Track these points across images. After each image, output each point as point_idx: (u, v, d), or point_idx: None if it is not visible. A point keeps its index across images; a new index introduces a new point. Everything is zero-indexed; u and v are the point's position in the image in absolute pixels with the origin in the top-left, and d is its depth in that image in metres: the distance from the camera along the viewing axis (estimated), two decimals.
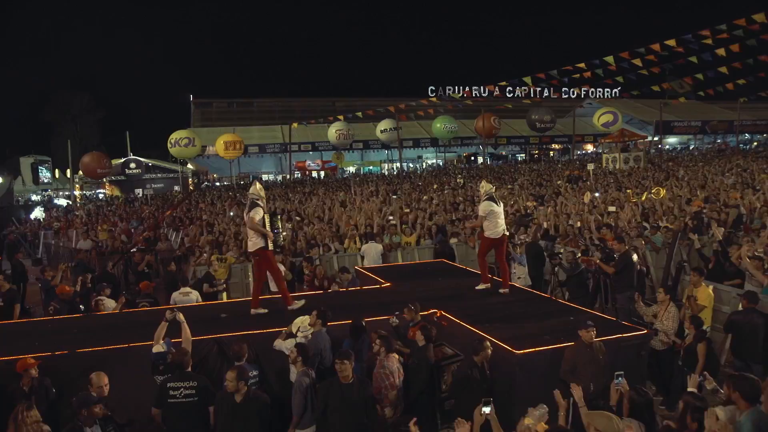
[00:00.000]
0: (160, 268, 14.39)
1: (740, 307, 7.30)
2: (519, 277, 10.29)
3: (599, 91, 55.52)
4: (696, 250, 10.17)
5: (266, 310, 7.81)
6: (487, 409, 4.53)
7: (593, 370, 6.05)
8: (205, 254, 12.80)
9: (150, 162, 51.67)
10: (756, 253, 8.83)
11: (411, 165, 61.45)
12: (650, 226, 12.06)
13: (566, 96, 52.57)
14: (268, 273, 8.22)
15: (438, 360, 6.52)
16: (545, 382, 6.22)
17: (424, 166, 59.04)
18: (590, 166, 24.86)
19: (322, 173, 55.64)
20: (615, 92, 53.93)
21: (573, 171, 27.94)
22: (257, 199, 7.68)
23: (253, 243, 7.60)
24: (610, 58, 22.97)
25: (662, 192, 15.10)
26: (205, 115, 60.83)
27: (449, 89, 73.36)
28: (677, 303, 8.03)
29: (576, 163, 33.18)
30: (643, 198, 14.87)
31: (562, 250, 10.29)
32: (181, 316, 6.11)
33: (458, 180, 29.99)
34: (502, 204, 8.72)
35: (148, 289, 9.51)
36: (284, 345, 6.34)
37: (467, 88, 62.96)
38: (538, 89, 49.78)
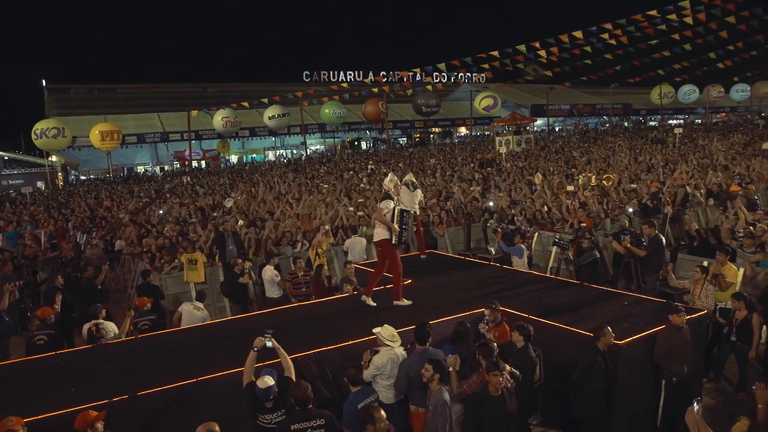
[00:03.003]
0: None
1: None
2: (517, 267, 10.38)
3: (468, 76, 57.74)
4: (686, 230, 10.92)
5: (375, 304, 7.62)
6: (697, 407, 4.42)
7: (685, 352, 6.25)
8: (166, 259, 11.47)
9: (6, 155, 45.68)
10: (741, 231, 9.68)
11: (295, 152, 60.33)
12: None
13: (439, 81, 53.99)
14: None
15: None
16: (641, 368, 6.34)
17: (308, 152, 58.25)
18: (502, 150, 25.83)
19: (203, 163, 52.74)
20: (483, 77, 56.02)
21: (485, 155, 28.89)
22: (389, 191, 7.67)
23: (378, 233, 7.63)
24: (522, 47, 24.05)
25: (612, 178, 16.02)
26: (62, 102, 54.91)
27: (324, 74, 73.07)
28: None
29: (490, 147, 34.32)
30: (593, 182, 15.68)
31: (557, 238, 10.46)
32: (274, 342, 5.27)
33: (369, 166, 29.76)
34: (418, 190, 9.65)
35: (144, 305, 8.27)
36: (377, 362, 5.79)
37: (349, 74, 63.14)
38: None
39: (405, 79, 43.08)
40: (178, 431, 5.20)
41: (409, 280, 8.98)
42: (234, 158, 55.32)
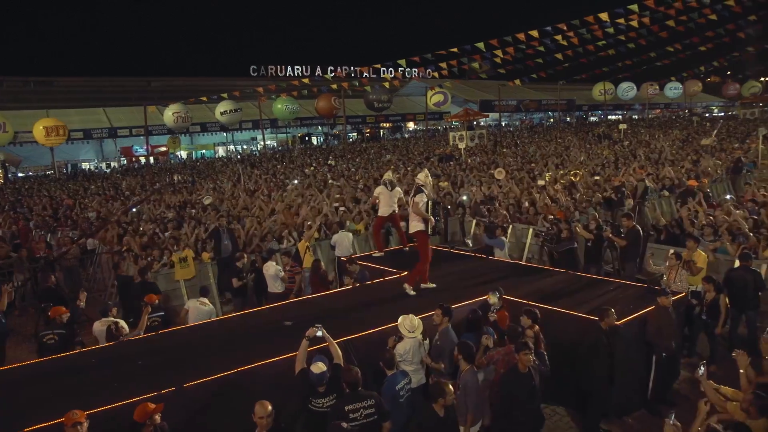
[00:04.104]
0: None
1: (736, 265, 8.79)
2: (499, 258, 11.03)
3: (415, 71, 58.43)
4: (652, 224, 11.84)
5: (434, 285, 8.33)
6: (702, 370, 5.05)
7: (673, 329, 7.01)
8: (154, 255, 11.52)
9: None
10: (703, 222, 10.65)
11: (245, 147, 59.62)
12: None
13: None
14: None
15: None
16: (636, 345, 7.04)
17: (259, 148, 57.71)
18: (461, 145, 26.62)
19: (152, 159, 51.43)
20: (428, 72, 56.70)
21: (445, 150, 29.60)
22: (422, 186, 8.27)
23: (414, 225, 8.22)
24: (481, 45, 24.93)
25: (580, 173, 16.94)
26: None
27: (271, 68, 72.34)
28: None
29: (442, 142, 35.00)
30: (560, 178, 16.56)
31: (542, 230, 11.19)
32: (324, 332, 5.66)
33: (330, 162, 30.02)
34: (396, 188, 10.34)
35: (153, 302, 8.39)
36: (400, 349, 6.23)
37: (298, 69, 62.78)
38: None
39: (364, 75, 43.44)
40: (223, 419, 5.53)
41: (405, 272, 9.48)
42: (183, 154, 54.15)
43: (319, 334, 5.52)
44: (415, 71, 55.92)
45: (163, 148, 50.45)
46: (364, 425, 5.04)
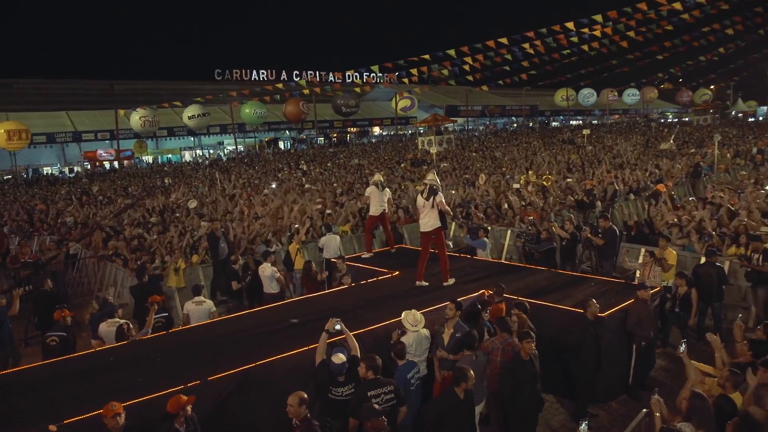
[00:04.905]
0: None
1: (702, 261, 9.55)
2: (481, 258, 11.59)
3: (380, 77, 59.10)
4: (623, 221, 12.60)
5: (427, 283, 8.85)
6: (683, 348, 5.65)
7: (651, 320, 7.66)
8: (145, 259, 11.69)
9: None
10: (670, 222, 11.44)
11: (212, 151, 59.24)
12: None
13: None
14: None
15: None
16: (618, 335, 7.66)
17: (226, 152, 57.44)
18: (433, 149, 27.25)
19: (116, 163, 50.66)
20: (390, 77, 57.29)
21: (416, 155, 30.20)
22: (436, 186, 8.73)
23: (432, 223, 8.69)
24: (452, 51, 25.74)
25: (552, 177, 17.69)
26: None
27: (236, 72, 71.98)
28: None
29: (410, 146, 35.64)
30: (533, 180, 17.29)
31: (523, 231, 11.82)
32: (343, 326, 6.07)
33: (301, 166, 30.28)
34: (386, 189, 11.04)
35: (156, 302, 8.62)
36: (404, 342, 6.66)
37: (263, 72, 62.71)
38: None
39: (336, 80, 43.91)
40: (245, 409, 5.88)
41: (397, 272, 9.95)
42: (149, 159, 53.51)
43: (338, 327, 5.93)
44: (385, 77, 56.63)
45: (128, 152, 49.83)
46: (384, 409, 5.47)
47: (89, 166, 49.01)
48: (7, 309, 8.66)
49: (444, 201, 8.80)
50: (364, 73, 56.31)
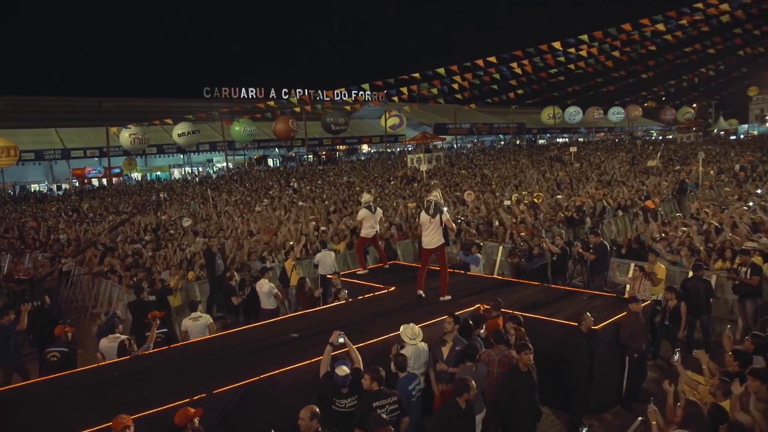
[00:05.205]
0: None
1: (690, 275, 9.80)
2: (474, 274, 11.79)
3: (370, 95, 59.65)
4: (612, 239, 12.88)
5: (450, 297, 9.02)
6: (676, 357, 5.85)
7: (643, 333, 7.87)
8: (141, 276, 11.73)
9: None
10: (655, 236, 11.73)
11: (201, 169, 59.27)
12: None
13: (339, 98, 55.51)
14: None
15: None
16: (611, 347, 7.85)
17: (215, 170, 57.48)
18: (423, 167, 27.55)
19: (105, 181, 50.51)
20: (380, 95, 57.70)
21: (406, 172, 30.47)
22: (441, 204, 8.95)
23: (437, 240, 8.87)
24: (441, 70, 26.26)
25: (543, 195, 18.00)
26: None
27: (225, 90, 72.25)
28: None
29: (399, 164, 35.95)
30: (525, 199, 17.59)
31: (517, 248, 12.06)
32: (346, 339, 6.22)
33: (292, 184, 30.42)
34: (378, 209, 11.30)
35: (160, 315, 8.68)
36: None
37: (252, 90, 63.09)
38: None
39: (327, 98, 44.40)
40: (250, 421, 5.98)
41: (393, 287, 10.11)
42: (137, 176, 53.37)
43: (341, 340, 6.07)
44: (374, 95, 57.22)
45: (117, 170, 49.71)
46: (390, 419, 5.60)
47: (77, 183, 48.80)
48: (14, 325, 8.71)
49: (450, 218, 9.04)
50: (353, 91, 56.97)
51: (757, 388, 5.11)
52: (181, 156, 54.38)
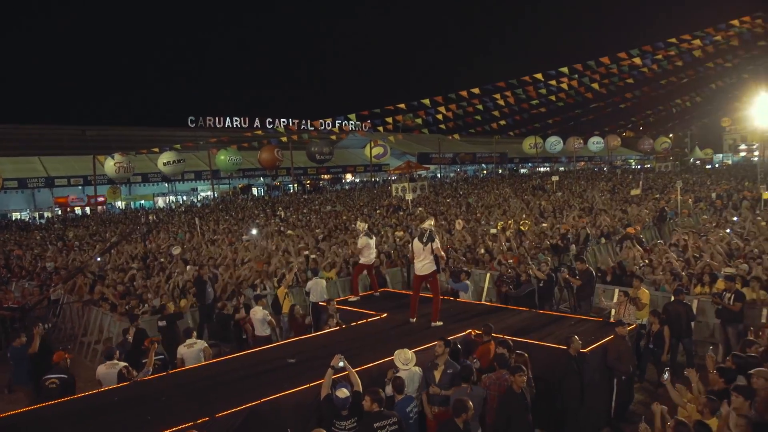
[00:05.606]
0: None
1: (672, 299, 10.15)
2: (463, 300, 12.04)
3: (355, 124, 60.47)
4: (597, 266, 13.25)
5: (442, 323, 9.29)
6: (666, 376, 6.12)
7: (630, 355, 8.16)
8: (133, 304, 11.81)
9: None
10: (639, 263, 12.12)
11: (185, 198, 59.12)
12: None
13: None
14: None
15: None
16: (599, 370, 8.10)
17: (199, 198, 57.39)
18: (409, 196, 27.96)
19: (88, 209, 50.16)
20: (366, 125, 58.29)
21: (391, 201, 30.82)
22: (433, 232, 9.32)
23: (428, 267, 9.22)
24: (426, 101, 26.96)
25: (529, 223, 18.40)
26: None
27: (209, 120, 72.51)
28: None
29: (383, 193, 36.32)
30: (510, 227, 17.97)
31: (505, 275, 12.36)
32: (346, 363, 6.41)
33: (279, 213, 30.56)
34: (374, 237, 11.86)
35: (157, 340, 8.77)
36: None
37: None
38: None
39: (314, 128, 45.01)
40: None
41: (385, 314, 10.31)
42: (121, 204, 53.05)
43: (342, 364, 6.27)
44: (359, 124, 57.99)
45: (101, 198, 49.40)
46: None
47: (60, 212, 48.37)
48: (26, 347, 8.75)
49: (440, 247, 9.32)
50: (338, 121, 57.57)
51: (740, 404, 5.38)
52: (166, 184, 54.17)
